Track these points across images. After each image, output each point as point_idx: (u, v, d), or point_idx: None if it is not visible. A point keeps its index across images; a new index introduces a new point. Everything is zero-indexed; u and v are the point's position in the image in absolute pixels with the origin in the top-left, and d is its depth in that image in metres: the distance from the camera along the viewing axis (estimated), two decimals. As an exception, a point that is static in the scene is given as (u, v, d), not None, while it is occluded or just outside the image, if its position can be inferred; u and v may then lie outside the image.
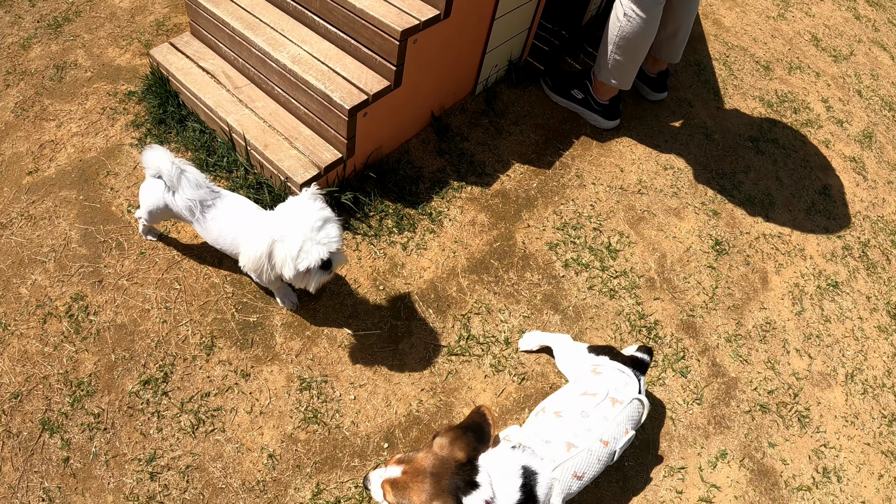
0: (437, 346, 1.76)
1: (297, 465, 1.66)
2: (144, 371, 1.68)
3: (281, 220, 1.36)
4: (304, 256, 1.32)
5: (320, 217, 1.34)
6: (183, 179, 1.49)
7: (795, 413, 1.97)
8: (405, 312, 1.78)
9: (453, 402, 1.71)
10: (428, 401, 1.72)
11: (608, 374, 1.41)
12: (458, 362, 1.74)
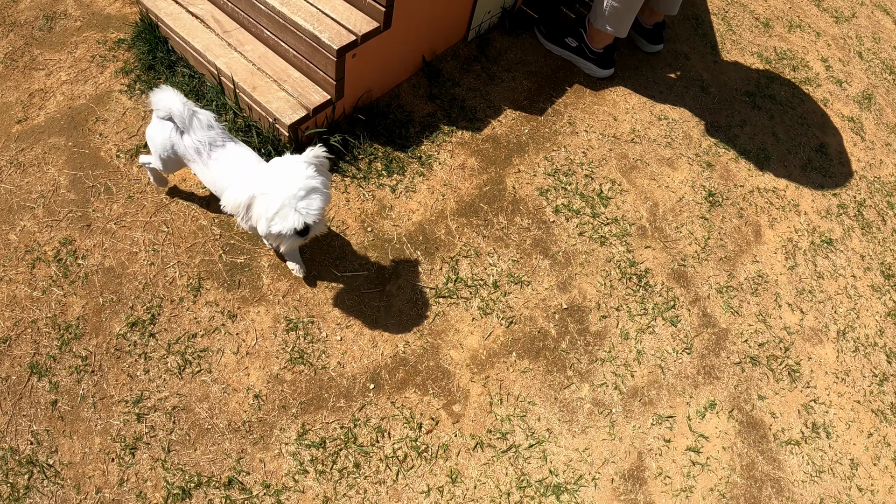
0: (424, 288, 1.74)
1: (283, 405, 1.65)
2: (132, 313, 1.67)
3: (269, 175, 1.33)
4: (279, 220, 1.29)
5: (307, 185, 1.30)
6: (195, 120, 1.45)
7: (786, 367, 1.95)
8: (393, 254, 1.76)
9: (440, 345, 1.70)
10: (415, 342, 1.70)
11: None
12: (446, 304, 1.72)
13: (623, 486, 1.68)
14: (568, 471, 1.65)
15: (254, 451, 1.60)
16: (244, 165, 1.49)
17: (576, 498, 1.64)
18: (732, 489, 1.76)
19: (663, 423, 1.75)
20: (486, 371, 1.68)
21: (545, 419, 1.67)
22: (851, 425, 1.99)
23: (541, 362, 1.70)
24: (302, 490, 1.59)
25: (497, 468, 1.63)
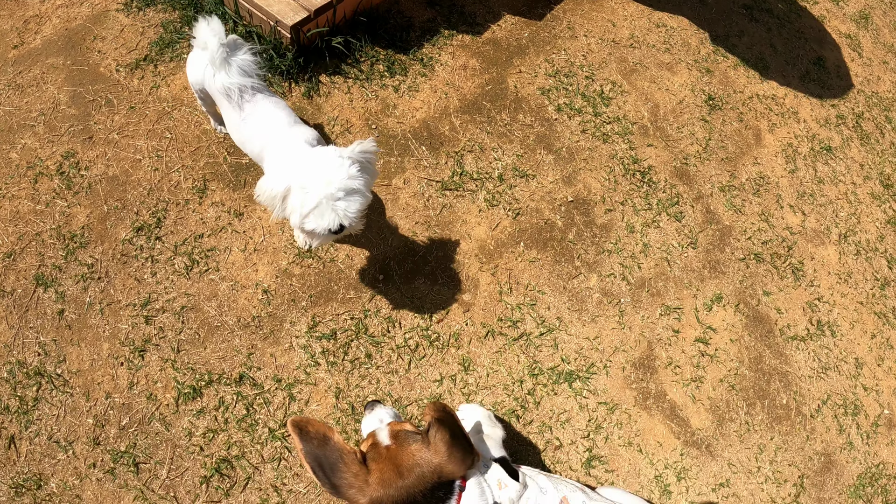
0: (430, 181, 1.72)
1: (293, 299, 1.64)
2: (137, 219, 1.64)
3: (309, 168, 1.18)
4: (315, 218, 1.18)
5: (348, 186, 1.16)
6: (227, 63, 1.30)
7: (789, 265, 1.95)
8: (398, 150, 1.74)
9: (448, 235, 1.68)
10: (422, 233, 1.69)
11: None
12: (452, 197, 1.71)
13: (634, 374, 1.68)
14: (579, 359, 1.65)
15: (264, 346, 1.58)
16: (276, 130, 1.33)
17: (588, 385, 1.64)
18: (741, 381, 1.76)
19: (671, 315, 1.75)
20: (494, 261, 1.67)
21: (555, 308, 1.67)
22: (855, 325, 1.99)
23: (548, 252, 1.69)
24: (314, 382, 1.57)
25: (509, 356, 1.62)
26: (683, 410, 1.68)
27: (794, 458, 1.77)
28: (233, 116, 1.34)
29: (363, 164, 1.21)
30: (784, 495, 1.73)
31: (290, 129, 1.31)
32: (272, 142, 1.31)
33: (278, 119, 1.33)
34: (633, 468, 1.61)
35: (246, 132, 1.34)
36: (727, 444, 1.70)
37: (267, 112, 1.33)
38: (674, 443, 1.65)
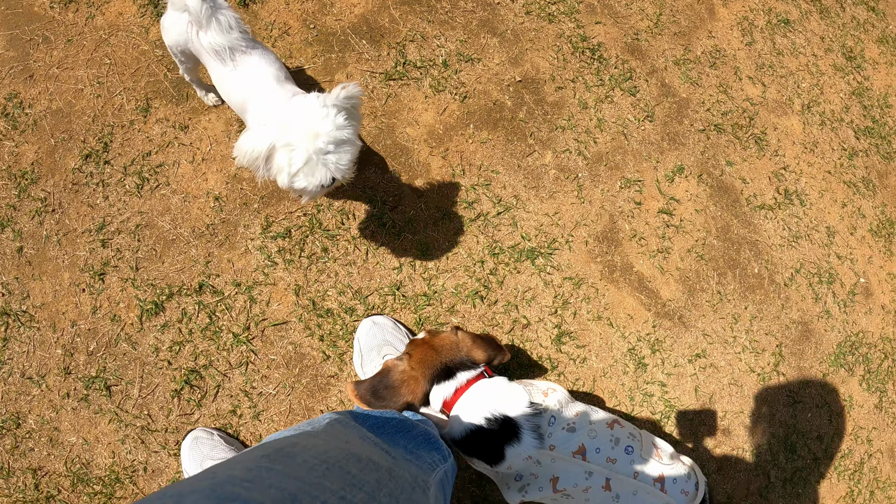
0: (373, 73, 1.63)
1: (245, 202, 1.56)
2: (84, 147, 1.55)
3: (293, 120, 1.05)
4: (305, 176, 1.07)
5: (338, 137, 1.05)
6: (213, 20, 1.14)
7: (752, 136, 1.87)
8: (338, 46, 1.65)
9: (395, 123, 1.60)
10: (369, 125, 1.60)
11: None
12: (397, 86, 1.62)
13: (598, 248, 1.60)
14: (540, 235, 1.57)
15: (220, 253, 1.51)
16: (260, 84, 1.18)
17: (551, 262, 1.56)
18: (710, 251, 1.69)
19: (632, 187, 1.67)
20: (444, 144, 1.59)
21: (511, 187, 1.59)
22: (824, 194, 1.92)
23: (500, 132, 1.61)
24: (273, 282, 1.50)
25: (467, 238, 1.54)
26: (652, 282, 1.61)
27: (771, 327, 1.70)
28: (221, 70, 1.19)
29: (349, 111, 1.09)
30: (763, 364, 1.66)
31: (276, 84, 1.16)
32: (255, 95, 1.15)
33: (265, 73, 1.18)
34: (605, 342, 1.54)
35: (230, 83, 1.20)
36: (700, 315, 1.63)
37: (255, 65, 1.18)
38: (645, 315, 1.58)
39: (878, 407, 1.83)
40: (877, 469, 1.82)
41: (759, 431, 1.64)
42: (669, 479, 1.08)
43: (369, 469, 0.72)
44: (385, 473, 0.75)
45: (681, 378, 1.59)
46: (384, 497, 0.68)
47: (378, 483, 0.70)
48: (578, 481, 1.05)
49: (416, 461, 1.00)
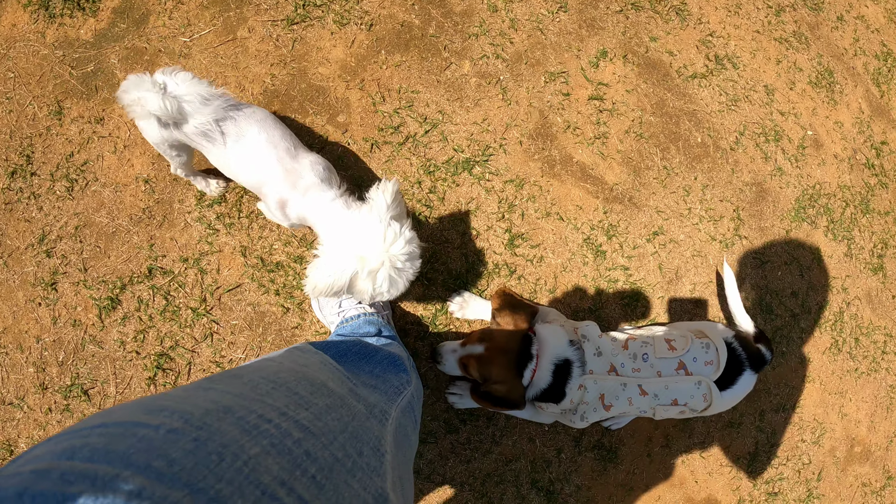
0: (274, 21, 1.56)
1: (174, 178, 1.50)
2: (8, 164, 1.48)
3: (364, 247, 1.00)
4: (388, 291, 1.04)
5: (411, 252, 1.02)
6: (184, 107, 1.01)
7: (671, 8, 1.78)
8: (234, 2, 1.58)
9: (306, 66, 1.53)
10: (281, 73, 1.53)
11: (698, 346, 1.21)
12: (301, 29, 1.55)
13: (533, 146, 1.54)
14: (472, 144, 1.51)
15: (162, 234, 1.44)
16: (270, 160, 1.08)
17: (488, 168, 1.50)
18: (648, 128, 1.63)
19: (557, 80, 1.60)
20: (359, 76, 1.52)
21: (434, 103, 1.52)
22: (756, 54, 1.85)
23: (412, 52, 1.54)
24: (219, 249, 1.44)
25: (400, 162, 1.48)
26: (595, 169, 1.55)
27: (724, 193, 1.64)
28: (220, 152, 1.08)
29: (400, 211, 1.08)
30: (723, 231, 1.62)
31: (296, 165, 1.08)
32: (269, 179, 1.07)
33: (273, 148, 1.08)
34: (559, 237, 1.49)
35: (237, 164, 1.09)
36: (650, 193, 1.57)
37: (257, 138, 1.07)
38: (594, 203, 1.53)
39: (847, 255, 1.79)
40: (857, 316, 1.79)
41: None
42: (689, 361, 1.17)
43: (321, 394, 0.67)
44: (338, 400, 0.69)
45: (642, 259, 1.54)
46: (332, 421, 0.62)
47: (328, 407, 0.64)
48: (619, 393, 1.16)
49: (381, 386, 0.95)
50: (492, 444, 1.41)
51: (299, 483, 0.47)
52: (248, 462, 0.43)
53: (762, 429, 1.61)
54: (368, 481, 0.60)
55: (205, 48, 1.56)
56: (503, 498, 1.42)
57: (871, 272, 1.82)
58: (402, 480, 0.76)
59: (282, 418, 0.53)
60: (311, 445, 0.53)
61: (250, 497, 0.40)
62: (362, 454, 0.63)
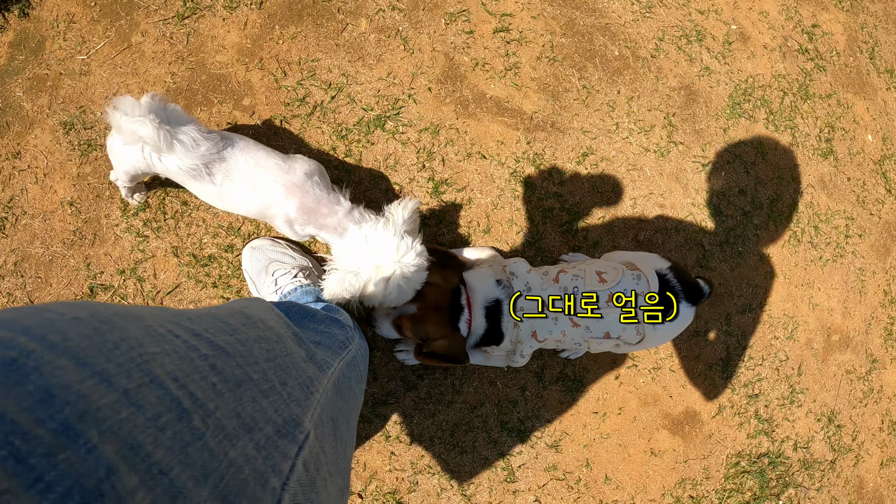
0: (166, 20, 1.51)
1: (97, 195, 1.45)
2: None
3: (378, 259, 1.05)
4: (397, 298, 1.09)
5: (419, 263, 1.07)
6: (175, 144, 0.99)
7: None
8: (123, 10, 1.51)
9: (203, 58, 1.48)
10: (180, 70, 1.49)
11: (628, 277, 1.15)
12: (193, 22, 1.49)
13: (443, 90, 1.48)
14: (381, 100, 1.45)
15: (96, 251, 1.41)
16: (268, 175, 1.08)
17: (401, 121, 1.45)
18: (562, 50, 1.56)
19: (458, 19, 1.53)
20: (257, 56, 1.47)
21: (336, 67, 1.47)
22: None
23: (306, 21, 1.49)
24: (152, 254, 1.41)
25: (311, 133, 1.43)
26: (510, 101, 1.48)
27: (651, 102, 1.57)
28: (205, 188, 1.06)
29: (413, 227, 1.13)
30: (657, 140, 1.55)
31: (292, 178, 1.08)
32: (271, 193, 1.07)
33: (268, 166, 1.08)
34: (485, 176, 1.44)
35: (230, 198, 1.08)
36: (573, 115, 1.51)
37: (249, 165, 1.06)
38: (515, 135, 1.47)
39: (793, 144, 1.71)
40: (813, 204, 1.71)
41: (676, 205, 1.54)
42: (620, 292, 1.11)
43: (256, 327, 0.64)
44: (274, 335, 0.67)
45: (575, 182, 1.48)
46: (259, 350, 0.60)
47: (259, 338, 0.62)
48: (551, 328, 1.12)
49: (325, 342, 0.93)
50: (453, 394, 1.38)
51: (195, 384, 0.46)
52: (142, 355, 0.43)
53: (731, 333, 1.56)
54: (284, 406, 0.58)
55: (103, 61, 1.53)
56: (475, 445, 1.38)
57: (820, 157, 1.74)
58: (333, 422, 0.74)
59: (195, 338, 0.51)
60: (219, 361, 0.51)
61: (136, 380, 0.40)
62: (286, 384, 0.61)
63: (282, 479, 0.52)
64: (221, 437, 0.45)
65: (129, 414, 0.38)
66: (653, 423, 1.49)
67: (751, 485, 1.58)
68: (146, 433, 0.38)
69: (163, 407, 0.41)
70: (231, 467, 0.45)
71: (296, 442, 0.57)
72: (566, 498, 1.42)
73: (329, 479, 0.65)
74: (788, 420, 1.63)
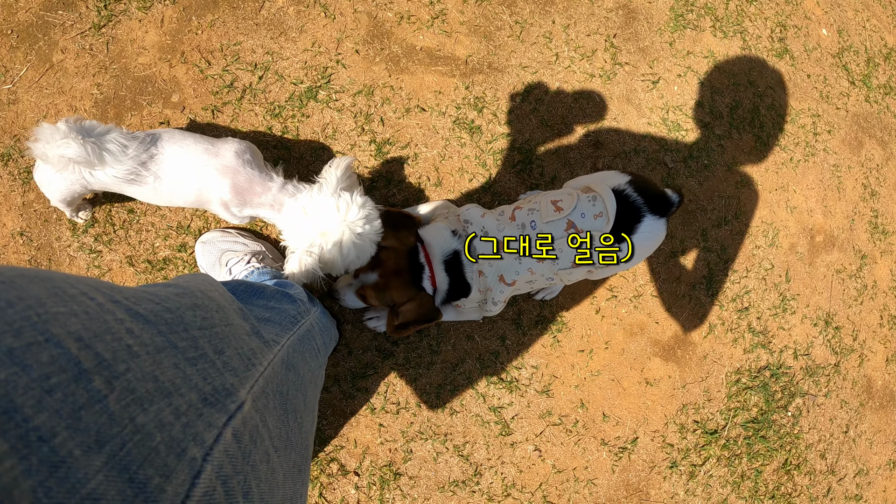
0: (83, 33, 1.43)
1: (45, 220, 1.37)
2: None
3: (325, 226, 0.99)
4: (358, 258, 1.02)
5: (368, 215, 1.00)
6: (105, 155, 0.94)
7: None
8: (41, 32, 1.42)
9: (126, 63, 1.39)
10: (105, 80, 1.40)
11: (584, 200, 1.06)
12: (110, 31, 1.41)
13: (371, 49, 1.38)
14: (309, 71, 1.36)
15: None
16: (199, 159, 1.01)
17: (333, 88, 1.35)
18: (490, -6, 1.47)
19: (379, -22, 1.46)
20: (178, 50, 1.38)
21: (259, 47, 1.37)
22: None
23: (222, 6, 1.38)
24: (108, 268, 1.34)
25: (244, 119, 1.32)
26: (442, 49, 1.39)
27: (589, 26, 1.47)
28: (143, 190, 1.02)
29: (352, 182, 1.06)
30: (601, 65, 1.45)
31: (222, 161, 1.01)
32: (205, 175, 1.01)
33: (197, 152, 1.02)
34: (427, 129, 1.34)
35: (167, 193, 1.03)
36: (509, 53, 1.41)
37: (181, 151, 1.01)
38: (452, 83, 1.37)
39: (744, 48, 1.60)
40: (775, 105, 1.60)
41: (632, 127, 1.44)
42: (577, 219, 1.01)
43: (191, 296, 0.58)
44: (213, 304, 0.61)
45: (522, 120, 1.39)
46: (190, 317, 0.54)
47: (193, 306, 0.56)
48: (517, 268, 1.05)
49: (274, 318, 0.86)
50: (432, 356, 1.30)
51: (103, 344, 0.41)
52: (41, 315, 0.38)
53: (709, 248, 1.46)
54: (216, 375, 0.52)
55: (29, 87, 1.45)
56: (463, 403, 1.31)
57: (776, 58, 1.63)
58: (282, 396, 0.69)
59: (111, 303, 0.46)
60: (136, 327, 0.46)
61: (26, 338, 0.36)
62: (222, 353, 0.56)
63: (204, 448, 0.45)
64: (129, 401, 0.40)
65: (8, 374, 0.33)
66: (643, 353, 1.40)
67: (755, 400, 1.50)
68: (27, 395, 0.34)
69: (55, 367, 0.36)
70: (137, 433, 0.39)
71: (226, 411, 0.50)
72: (566, 442, 1.35)
73: (274, 454, 0.58)
74: (784, 329, 1.54)
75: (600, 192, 1.03)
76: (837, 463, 1.56)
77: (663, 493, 1.42)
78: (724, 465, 1.45)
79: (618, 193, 1.02)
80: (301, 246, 1.01)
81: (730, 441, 1.46)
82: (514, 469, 1.33)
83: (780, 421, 1.51)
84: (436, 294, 1.06)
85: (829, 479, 1.55)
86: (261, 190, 1.02)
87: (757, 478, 1.48)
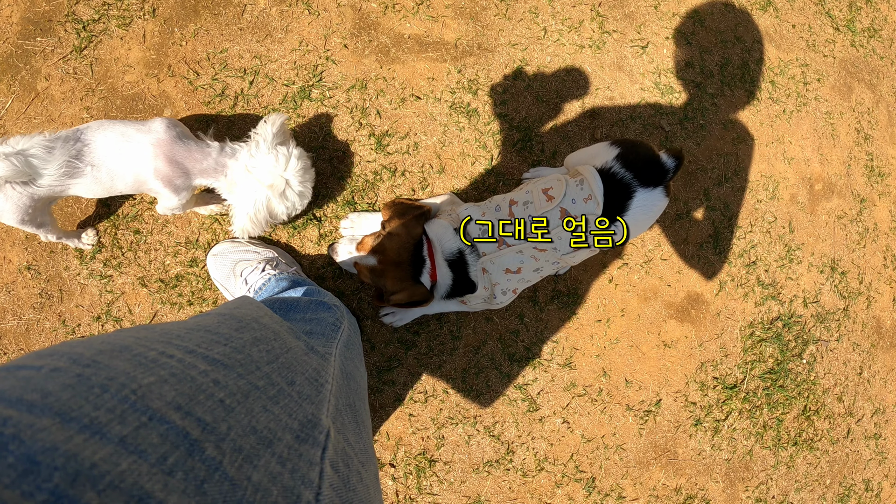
0: (65, 58, 1.33)
1: (50, 251, 1.28)
2: None
3: (266, 178, 0.98)
4: (301, 203, 1.05)
5: (303, 164, 1.01)
6: (32, 162, 0.89)
7: None
8: (21, 61, 1.30)
9: (112, 82, 1.27)
10: (94, 102, 1.26)
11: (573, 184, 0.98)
12: (92, 51, 1.31)
13: (359, 42, 1.25)
14: (300, 71, 1.24)
15: (67, 306, 1.26)
16: (132, 142, 0.96)
17: (325, 86, 1.23)
18: (472, -25, 1.37)
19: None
20: (165, 64, 1.27)
21: (246, 52, 1.25)
22: None
23: (204, 15, 1.28)
24: (121, 291, 1.26)
25: (239, 123, 1.25)
26: (431, 35, 1.29)
27: (574, -4, 1.38)
28: (86, 183, 0.95)
29: (284, 139, 1.05)
30: (589, 35, 1.35)
31: (153, 136, 0.96)
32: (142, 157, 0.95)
33: (125, 137, 0.96)
34: (424, 117, 1.25)
35: (109, 178, 0.96)
36: (497, 32, 1.32)
37: (110, 138, 0.95)
38: (444, 68, 1.28)
39: (727, 4, 1.50)
40: (763, 59, 1.51)
41: (626, 94, 1.35)
42: (569, 205, 0.94)
43: (249, 329, 0.54)
44: (270, 333, 0.57)
45: (518, 98, 1.30)
46: (258, 353, 0.52)
47: (255, 340, 0.54)
48: (522, 262, 0.99)
49: (316, 329, 0.81)
50: (454, 341, 1.23)
51: (201, 407, 0.39)
52: (136, 391, 0.36)
53: (713, 207, 1.39)
54: (296, 408, 0.50)
55: (16, 118, 1.34)
56: (489, 384, 1.24)
57: (760, 11, 1.53)
58: (351, 409, 0.65)
59: (189, 355, 0.44)
60: (220, 375, 0.44)
61: (132, 423, 0.34)
62: (294, 383, 0.53)
63: (314, 489, 0.43)
64: (241, 461, 0.38)
65: (129, 464, 0.31)
66: (658, 317, 1.33)
67: (771, 351, 1.43)
68: (154, 480, 0.32)
69: (168, 446, 0.34)
70: (257, 492, 0.37)
71: (318, 444, 0.49)
72: (592, 412, 1.29)
73: (363, 470, 0.54)
74: (792, 279, 1.47)
75: (586, 175, 0.95)
76: (854, 404, 1.51)
77: (690, 450, 1.37)
78: (746, 417, 1.40)
79: (605, 173, 0.94)
80: (249, 202, 1.00)
81: (749, 393, 1.41)
82: (545, 443, 1.27)
83: (795, 369, 1.46)
84: (435, 288, 0.99)
85: (847, 421, 1.50)
86: (200, 157, 0.99)
87: (779, 426, 1.43)
